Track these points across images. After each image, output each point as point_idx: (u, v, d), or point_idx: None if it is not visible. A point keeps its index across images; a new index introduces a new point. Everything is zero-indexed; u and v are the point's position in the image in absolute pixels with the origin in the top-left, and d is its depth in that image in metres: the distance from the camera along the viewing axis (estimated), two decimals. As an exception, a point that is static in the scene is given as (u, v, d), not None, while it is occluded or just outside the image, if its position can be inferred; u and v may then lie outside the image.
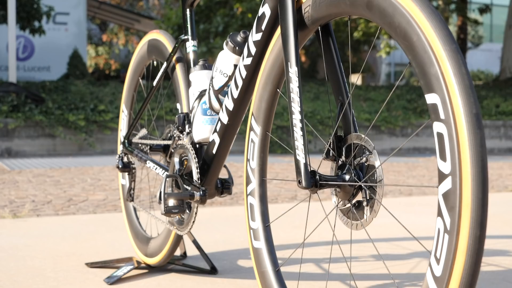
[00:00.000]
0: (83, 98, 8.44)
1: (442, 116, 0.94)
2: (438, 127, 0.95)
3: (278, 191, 4.40)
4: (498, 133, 9.84)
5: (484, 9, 16.81)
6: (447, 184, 0.94)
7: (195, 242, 2.14)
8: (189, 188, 1.71)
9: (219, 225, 3.02)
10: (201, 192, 1.66)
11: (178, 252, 2.30)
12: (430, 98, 0.97)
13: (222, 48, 13.21)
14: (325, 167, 1.37)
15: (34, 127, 7.33)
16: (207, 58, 14.02)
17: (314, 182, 1.22)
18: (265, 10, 1.42)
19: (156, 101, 5.46)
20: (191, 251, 2.37)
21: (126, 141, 2.12)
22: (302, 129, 1.22)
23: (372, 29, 16.67)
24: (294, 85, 1.24)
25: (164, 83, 2.17)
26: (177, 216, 1.77)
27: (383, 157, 7.64)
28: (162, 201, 1.63)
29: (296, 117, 1.23)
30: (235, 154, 6.65)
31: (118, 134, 2.36)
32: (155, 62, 2.13)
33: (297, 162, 1.22)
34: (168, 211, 1.63)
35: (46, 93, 8.57)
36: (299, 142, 1.22)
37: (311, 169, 1.23)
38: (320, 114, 8.76)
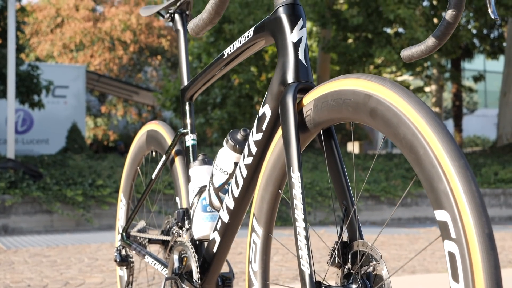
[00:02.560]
0: (81, 172, 8.41)
1: (453, 235, 0.91)
2: (449, 246, 0.92)
3: (279, 270, 4.32)
4: (498, 202, 9.79)
5: (478, 78, 17.04)
6: (461, 307, 0.89)
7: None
8: (189, 290, 1.66)
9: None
10: (201, 294, 1.61)
11: None
12: (440, 215, 0.94)
13: (220, 120, 13.35)
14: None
15: (32, 203, 7.26)
16: (205, 129, 14.11)
17: (320, 293, 1.17)
18: (266, 110, 1.41)
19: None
20: None
21: (124, 234, 2.08)
22: (306, 237, 1.18)
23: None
24: (297, 191, 1.21)
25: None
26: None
27: (385, 228, 7.57)
28: (161, 305, 1.57)
29: (300, 225, 1.19)
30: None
31: (116, 214, 2.31)
32: (154, 153, 2.11)
33: (301, 273, 1.17)
34: (167, 316, 1.58)
35: (44, 167, 8.55)
36: (303, 252, 1.18)
37: (316, 279, 1.19)
38: (319, 185, 8.71)
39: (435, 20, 13.52)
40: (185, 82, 1.92)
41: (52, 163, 8.99)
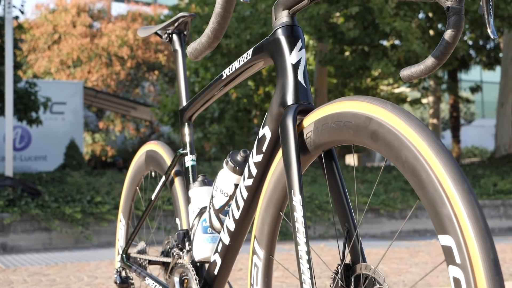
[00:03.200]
0: (80, 189, 8.39)
1: (457, 260, 0.90)
2: (454, 271, 0.91)
3: (279, 286, 4.29)
4: (497, 213, 9.77)
5: (476, 89, 17.08)
6: (467, 334, 0.88)
7: None
8: (190, 314, 1.64)
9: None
10: (202, 319, 1.60)
11: None
12: (444, 240, 0.93)
13: (218, 134, 13.30)
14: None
15: (30, 221, 7.23)
16: (203, 143, 14.09)
17: (324, 318, 1.16)
18: (266, 132, 1.40)
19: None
20: None
21: (124, 255, 2.06)
22: (308, 261, 1.17)
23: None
24: (299, 214, 1.20)
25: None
26: None
27: (384, 241, 7.55)
28: (163, 329, 1.56)
29: (302, 249, 1.18)
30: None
31: (116, 235, 2.30)
32: (153, 173, 2.10)
33: (304, 297, 1.16)
34: None
35: (43, 185, 8.52)
36: (306, 276, 1.17)
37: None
38: (318, 199, 8.69)
39: (431, 32, 13.58)
40: (184, 103, 1.92)
41: (50, 180, 8.97)
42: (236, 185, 1.55)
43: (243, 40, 11.70)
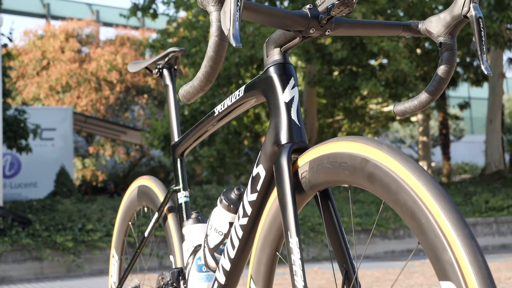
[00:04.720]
0: (71, 217, 8.32)
1: (461, 308, 0.88)
2: (457, 320, 0.89)
3: (274, 313, 4.25)
4: (490, 230, 9.77)
5: (464, 105, 17.17)
6: None
7: None
8: None
9: None
10: None
11: None
12: (446, 287, 0.91)
13: (208, 157, 13.21)
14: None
15: (21, 250, 7.16)
16: (194, 166, 14.04)
17: None
18: (260, 170, 1.38)
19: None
20: None
21: (117, 293, 2.03)
22: (307, 305, 1.15)
23: (355, 128, 16.92)
24: (296, 256, 1.18)
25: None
26: None
27: (378, 262, 7.50)
28: None
29: (300, 292, 1.16)
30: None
31: (109, 270, 2.27)
32: (145, 209, 2.08)
33: None
34: None
35: (33, 213, 8.45)
36: (304, 320, 1.14)
37: None
38: (311, 221, 8.65)
39: (419, 51, 13.66)
40: (176, 138, 1.90)
41: (41, 208, 8.89)
42: (231, 224, 1.53)
43: (232, 63, 11.73)
